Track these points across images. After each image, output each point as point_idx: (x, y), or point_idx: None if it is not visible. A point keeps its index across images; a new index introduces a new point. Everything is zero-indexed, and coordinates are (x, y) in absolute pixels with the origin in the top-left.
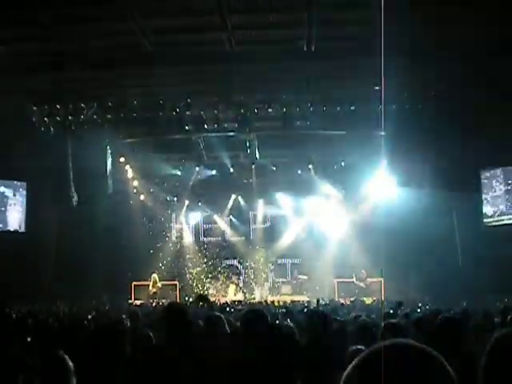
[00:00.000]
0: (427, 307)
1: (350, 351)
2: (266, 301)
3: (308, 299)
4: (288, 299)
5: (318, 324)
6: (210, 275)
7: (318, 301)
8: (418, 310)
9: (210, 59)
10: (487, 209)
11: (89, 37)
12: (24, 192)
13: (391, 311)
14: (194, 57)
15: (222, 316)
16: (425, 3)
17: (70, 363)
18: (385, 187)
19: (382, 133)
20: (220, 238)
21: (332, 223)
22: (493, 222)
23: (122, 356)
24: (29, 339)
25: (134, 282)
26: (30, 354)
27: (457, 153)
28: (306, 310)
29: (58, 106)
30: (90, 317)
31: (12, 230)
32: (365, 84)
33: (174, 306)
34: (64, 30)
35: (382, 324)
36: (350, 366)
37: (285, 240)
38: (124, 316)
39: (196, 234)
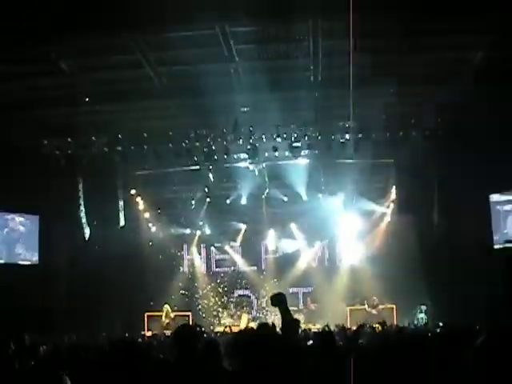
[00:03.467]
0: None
1: None
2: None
3: (320, 327)
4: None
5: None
6: (222, 306)
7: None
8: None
9: (216, 91)
10: (496, 235)
11: (98, 70)
12: (37, 224)
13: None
14: (202, 89)
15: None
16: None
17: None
18: (394, 214)
19: (391, 160)
20: (232, 269)
21: (343, 251)
22: (502, 247)
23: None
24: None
25: (147, 313)
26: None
27: (466, 178)
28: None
29: (68, 140)
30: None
31: (25, 262)
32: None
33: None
34: (74, 64)
35: None
36: None
37: (296, 269)
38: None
39: (208, 265)
